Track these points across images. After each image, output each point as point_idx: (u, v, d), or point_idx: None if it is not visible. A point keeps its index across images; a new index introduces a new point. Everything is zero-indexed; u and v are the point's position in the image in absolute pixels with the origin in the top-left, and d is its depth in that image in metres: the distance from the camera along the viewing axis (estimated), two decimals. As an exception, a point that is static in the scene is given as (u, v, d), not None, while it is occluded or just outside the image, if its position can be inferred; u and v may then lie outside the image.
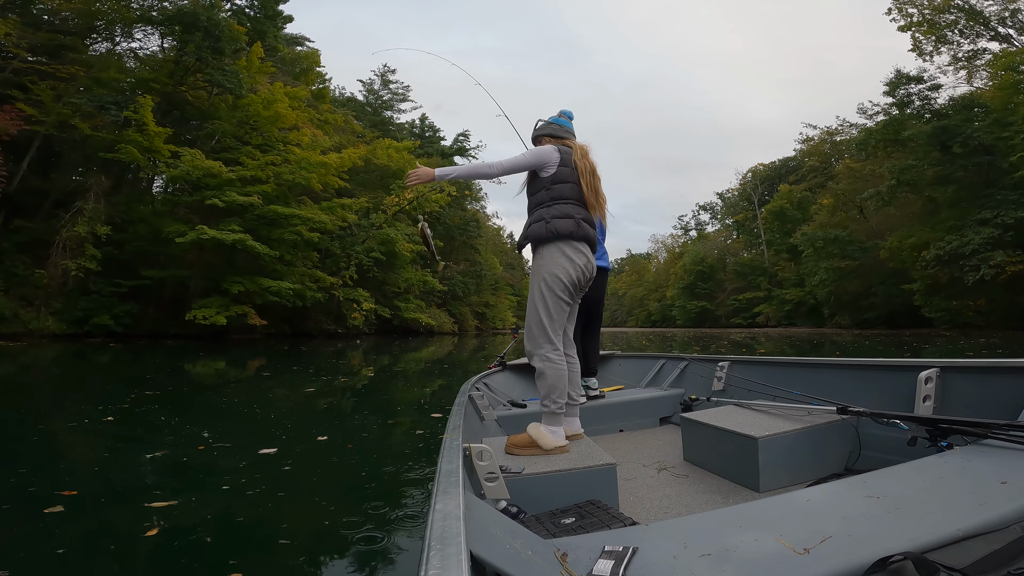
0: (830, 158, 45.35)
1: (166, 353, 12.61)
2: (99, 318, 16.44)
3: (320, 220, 19.43)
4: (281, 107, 19.61)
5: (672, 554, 0.93)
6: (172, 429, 3.73)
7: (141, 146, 16.33)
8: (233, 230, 16.95)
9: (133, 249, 17.56)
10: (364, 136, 30.63)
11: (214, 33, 18.79)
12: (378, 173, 28.22)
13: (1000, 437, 1.36)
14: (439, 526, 0.75)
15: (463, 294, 38.85)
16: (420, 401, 5.50)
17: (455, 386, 5.67)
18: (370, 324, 26.03)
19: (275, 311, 20.66)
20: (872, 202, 30.91)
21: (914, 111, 27.16)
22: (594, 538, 1.03)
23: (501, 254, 52.16)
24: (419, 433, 3.72)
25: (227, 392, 5.99)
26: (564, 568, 0.90)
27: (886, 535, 0.92)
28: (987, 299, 22.47)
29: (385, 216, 25.58)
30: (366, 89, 44.06)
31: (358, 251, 24.04)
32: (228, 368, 8.87)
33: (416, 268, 30.22)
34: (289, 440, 3.41)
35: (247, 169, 18.24)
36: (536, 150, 2.06)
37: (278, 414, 4.42)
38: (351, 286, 23.57)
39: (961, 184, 24.66)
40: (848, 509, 1.05)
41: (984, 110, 24.13)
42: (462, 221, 40.14)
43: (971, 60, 26.70)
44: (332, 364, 9.98)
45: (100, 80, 17.62)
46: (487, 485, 1.43)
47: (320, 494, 2.38)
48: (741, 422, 2.05)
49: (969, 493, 1.08)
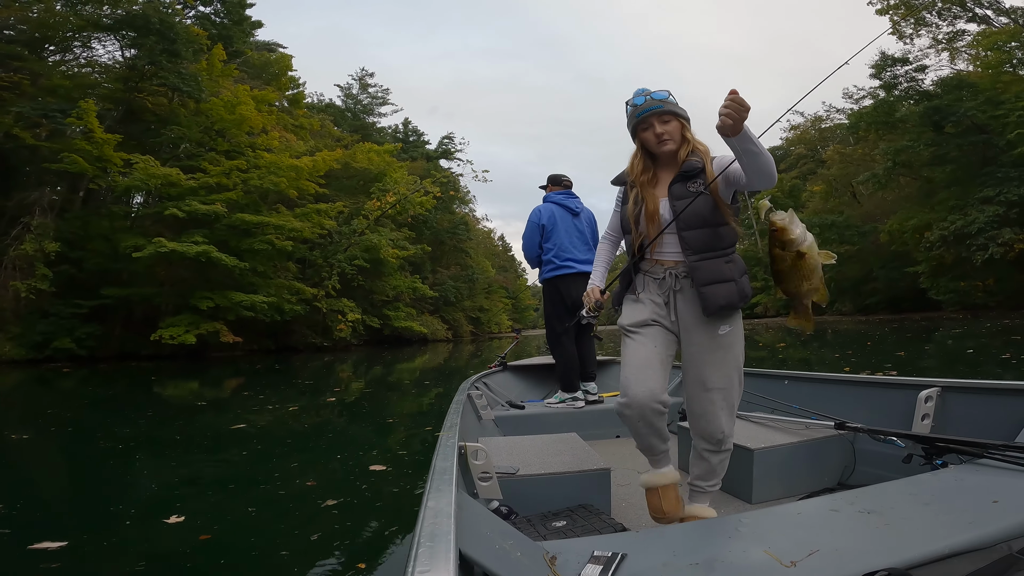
0: (816, 145, 45.11)
1: (133, 376, 12.04)
2: (60, 341, 15.30)
3: (293, 227, 18.29)
4: (245, 110, 18.49)
5: (661, 562, 0.94)
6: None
7: (90, 155, 15.16)
8: (197, 241, 15.79)
9: (93, 267, 16.37)
10: (342, 140, 29.56)
11: (168, 36, 17.80)
12: (359, 178, 27.18)
13: (996, 457, 1.36)
14: (430, 523, 0.76)
15: (456, 299, 37.93)
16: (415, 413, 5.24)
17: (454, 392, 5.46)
18: (359, 335, 24.91)
19: (256, 326, 19.60)
20: (865, 186, 30.53)
21: (901, 93, 27.08)
22: (583, 542, 1.04)
23: (493, 257, 51.39)
24: (414, 438, 3.72)
25: (202, 414, 5.59)
26: (552, 571, 0.91)
27: (873, 550, 0.92)
28: (995, 279, 21.92)
29: (367, 222, 24.47)
30: (344, 94, 43.06)
31: (340, 259, 22.92)
32: (202, 388, 8.25)
33: (405, 274, 29.33)
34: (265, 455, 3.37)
35: (210, 176, 17.06)
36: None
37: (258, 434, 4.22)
38: (334, 296, 22.45)
39: (958, 163, 24.36)
40: (838, 523, 1.05)
41: (972, 90, 23.93)
42: (451, 225, 39.24)
43: (951, 42, 26.74)
44: (305, 383, 9.21)
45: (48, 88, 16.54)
46: (480, 484, 1.48)
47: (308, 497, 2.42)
48: (738, 433, 1.90)
49: (959, 511, 1.08)
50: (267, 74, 28.86)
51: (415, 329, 28.44)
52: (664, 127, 1.56)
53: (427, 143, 44.79)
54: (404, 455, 3.49)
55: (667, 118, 1.57)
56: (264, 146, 19.79)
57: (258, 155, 18.98)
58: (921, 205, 25.92)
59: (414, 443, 3.89)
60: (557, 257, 3.19)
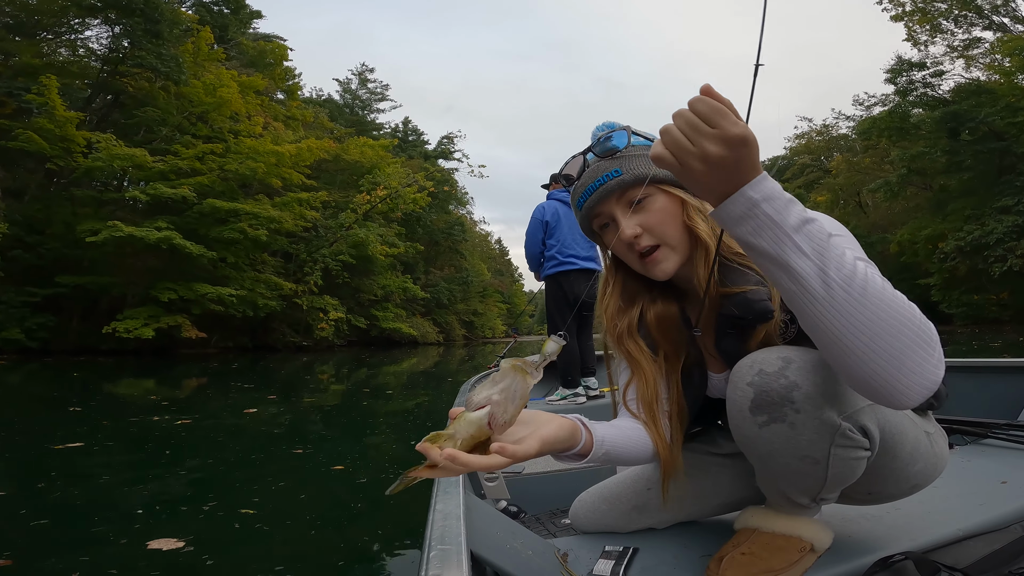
0: (820, 156, 44.51)
1: (86, 371, 11.10)
2: (8, 332, 14.09)
3: (271, 217, 17.16)
4: (227, 92, 17.43)
5: (672, 555, 0.94)
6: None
7: (53, 134, 14.08)
8: (160, 227, 14.65)
9: (52, 254, 15.24)
10: (334, 132, 28.64)
11: (152, 16, 16.87)
12: (350, 172, 26.18)
13: (1000, 437, 1.39)
14: (439, 526, 0.74)
15: (448, 302, 36.94)
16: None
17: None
18: (343, 335, 23.87)
19: (231, 323, 18.51)
20: (873, 197, 30.23)
21: (916, 98, 26.35)
22: (594, 538, 1.04)
23: (489, 260, 50.51)
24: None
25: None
26: (564, 568, 0.90)
27: (887, 535, 0.92)
28: (1010, 292, 21.20)
29: (355, 216, 23.39)
30: (343, 89, 42.24)
31: (324, 254, 21.82)
32: (159, 387, 7.68)
33: (396, 274, 28.35)
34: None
35: (181, 159, 15.95)
36: None
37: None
38: (316, 293, 21.33)
39: (974, 172, 23.62)
40: (849, 510, 1.01)
41: (990, 96, 23.22)
42: (446, 225, 38.33)
43: (967, 49, 26.19)
44: (268, 383, 8.35)
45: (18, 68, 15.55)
46: (487, 485, 1.47)
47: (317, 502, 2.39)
48: None
49: (969, 493, 1.09)
50: (262, 63, 28.12)
51: (404, 331, 27.39)
52: (637, 217, 0.84)
53: (426, 143, 43.95)
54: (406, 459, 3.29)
55: (636, 194, 0.83)
56: (247, 132, 18.74)
57: (239, 141, 17.92)
58: (933, 215, 25.32)
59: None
60: (560, 253, 3.26)
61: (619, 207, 0.84)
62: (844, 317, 0.56)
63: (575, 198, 0.91)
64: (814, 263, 0.56)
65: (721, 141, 0.53)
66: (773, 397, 0.70)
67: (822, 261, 0.56)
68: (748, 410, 0.72)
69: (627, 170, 0.83)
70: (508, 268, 51.95)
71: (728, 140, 0.53)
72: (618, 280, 0.94)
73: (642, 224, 0.82)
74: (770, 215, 0.56)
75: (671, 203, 0.83)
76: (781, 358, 0.71)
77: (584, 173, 0.88)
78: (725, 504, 1.03)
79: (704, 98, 0.54)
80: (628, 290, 0.94)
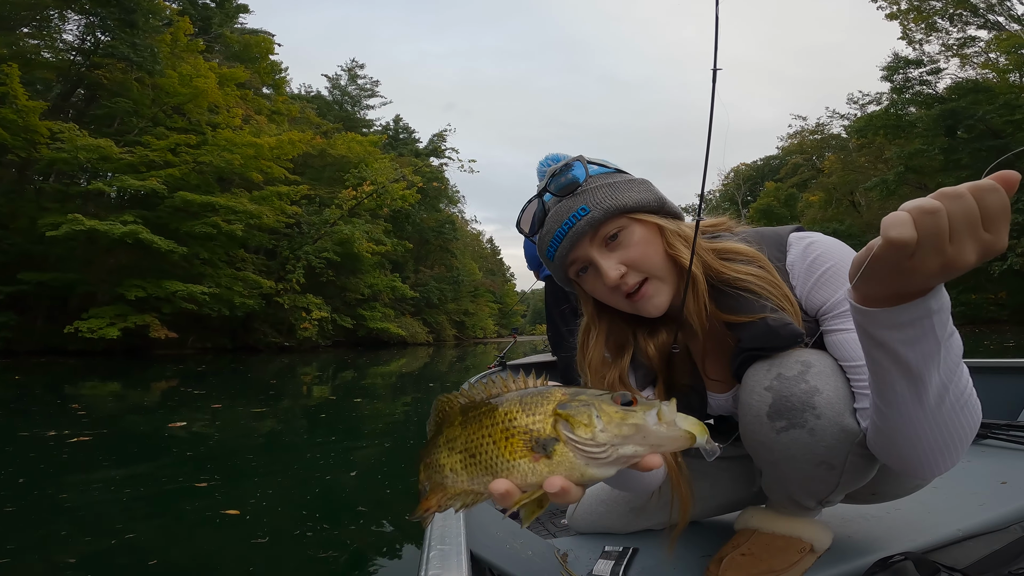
0: (812, 156, 44.41)
1: (50, 372, 10.53)
2: (-35, 331, 13.38)
3: (247, 211, 16.43)
4: (203, 83, 16.71)
5: (672, 555, 0.93)
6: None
7: (16, 125, 13.32)
8: (125, 221, 13.92)
9: (16, 250, 14.46)
10: (321, 127, 27.96)
11: (128, 6, 16.18)
12: (336, 167, 25.47)
13: (1000, 437, 1.38)
14: (439, 526, 0.74)
15: (439, 301, 36.32)
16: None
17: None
18: (328, 335, 23.14)
19: (209, 323, 17.78)
20: (867, 195, 30.03)
21: (912, 96, 26.30)
22: (594, 538, 1.04)
23: (481, 259, 50.00)
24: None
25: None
26: (564, 568, 0.89)
27: (886, 535, 0.92)
28: (1007, 291, 21.15)
29: (341, 211, 22.68)
30: (332, 85, 41.51)
31: (307, 251, 21.09)
32: (125, 390, 7.40)
33: (384, 272, 27.70)
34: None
35: (151, 151, 15.21)
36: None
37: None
38: (299, 292, 20.61)
39: (971, 169, 23.40)
40: (849, 510, 1.01)
41: (988, 94, 23.16)
42: (437, 223, 37.72)
43: (962, 47, 26.15)
44: (248, 386, 8.13)
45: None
46: None
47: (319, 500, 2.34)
48: None
49: (969, 493, 1.08)
50: (247, 57, 27.41)
51: (392, 331, 26.73)
52: (616, 255, 0.79)
53: (417, 141, 43.31)
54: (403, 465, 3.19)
55: (610, 229, 0.79)
56: (225, 124, 18.02)
57: (217, 133, 17.21)
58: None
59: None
60: None
61: (595, 248, 0.79)
62: (937, 428, 0.57)
63: (543, 248, 0.85)
64: (942, 380, 0.55)
65: (985, 251, 0.44)
66: (793, 402, 0.69)
67: (949, 380, 0.56)
68: (765, 415, 0.71)
69: (594, 205, 0.77)
70: (500, 268, 51.41)
71: (992, 253, 0.45)
72: (602, 328, 0.88)
73: (624, 261, 0.77)
74: (935, 328, 0.52)
75: (648, 232, 0.79)
76: (800, 362, 0.70)
77: (547, 219, 0.82)
78: (724, 505, 1.03)
79: (1000, 190, 0.43)
80: (615, 337, 0.88)
